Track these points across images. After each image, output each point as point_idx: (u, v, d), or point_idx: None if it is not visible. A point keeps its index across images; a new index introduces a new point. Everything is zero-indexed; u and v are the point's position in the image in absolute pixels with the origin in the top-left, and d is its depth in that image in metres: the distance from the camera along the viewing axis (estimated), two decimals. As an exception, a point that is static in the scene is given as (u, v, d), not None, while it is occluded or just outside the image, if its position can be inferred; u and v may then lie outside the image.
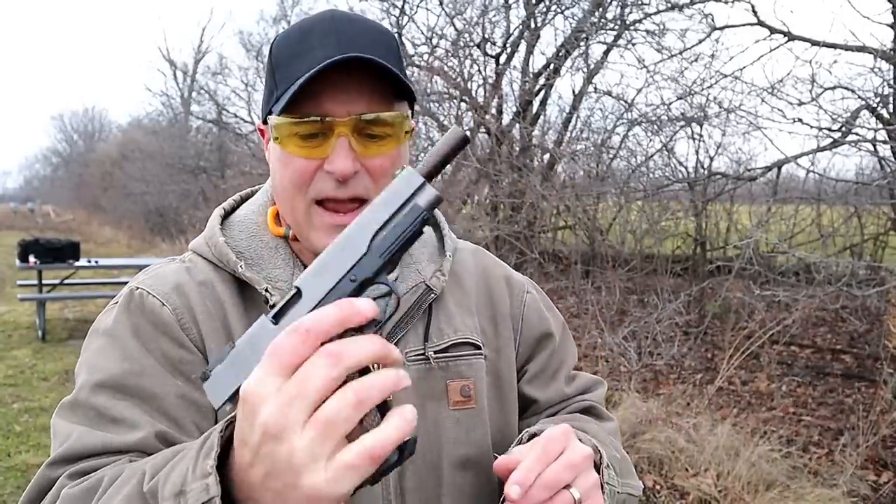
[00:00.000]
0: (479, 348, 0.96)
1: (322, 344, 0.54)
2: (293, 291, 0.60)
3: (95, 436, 0.78)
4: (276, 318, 0.60)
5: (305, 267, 0.91)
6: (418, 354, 0.92)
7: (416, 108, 7.39)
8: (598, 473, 0.82)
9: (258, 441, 0.55)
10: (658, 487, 3.89)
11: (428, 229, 1.03)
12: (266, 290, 0.86)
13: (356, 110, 0.81)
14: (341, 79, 0.80)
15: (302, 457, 0.53)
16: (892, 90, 5.53)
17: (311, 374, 0.53)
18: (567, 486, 0.75)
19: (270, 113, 0.84)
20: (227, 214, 0.98)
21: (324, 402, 0.53)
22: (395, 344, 0.90)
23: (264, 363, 0.55)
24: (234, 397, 0.59)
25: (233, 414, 0.64)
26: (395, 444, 0.54)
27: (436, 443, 0.90)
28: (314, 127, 0.81)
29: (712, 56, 6.20)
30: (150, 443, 0.78)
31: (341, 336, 0.55)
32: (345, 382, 0.54)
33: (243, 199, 1.02)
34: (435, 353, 0.92)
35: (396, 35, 8.40)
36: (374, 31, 0.86)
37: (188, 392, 0.83)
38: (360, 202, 0.84)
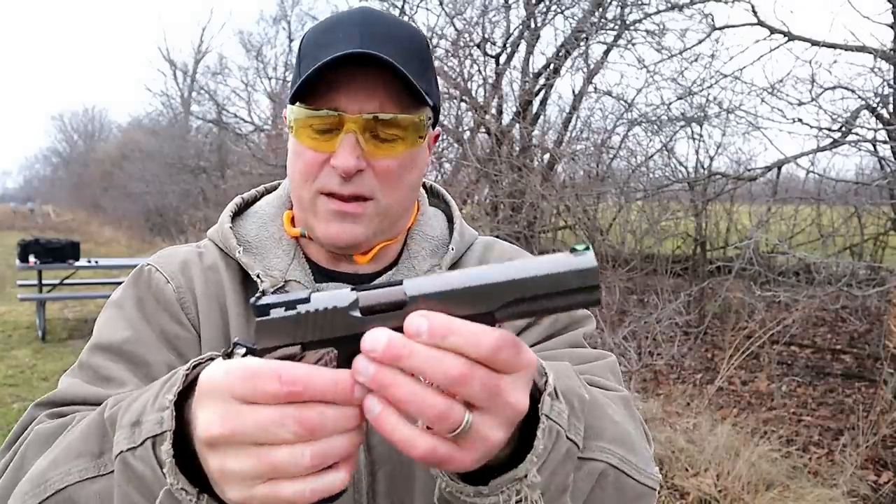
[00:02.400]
0: None
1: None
2: (396, 279, 0.57)
3: (84, 388, 0.83)
4: (355, 290, 0.55)
5: (307, 260, 0.93)
6: None
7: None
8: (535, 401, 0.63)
9: (205, 438, 0.54)
10: (658, 487, 3.89)
11: (437, 219, 1.01)
12: (258, 276, 0.88)
13: (369, 108, 0.81)
14: (359, 76, 0.80)
15: (224, 475, 0.53)
16: (892, 90, 5.53)
17: (272, 429, 0.51)
18: (468, 404, 0.52)
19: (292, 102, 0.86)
20: (249, 204, 1.01)
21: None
22: None
23: (254, 375, 0.52)
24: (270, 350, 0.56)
25: (202, 357, 0.65)
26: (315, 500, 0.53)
27: (407, 480, 0.86)
28: (326, 121, 0.82)
29: (712, 56, 6.21)
30: None
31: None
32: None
33: (268, 191, 1.04)
34: None
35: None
36: (403, 32, 0.85)
37: (177, 365, 0.85)
38: (364, 199, 0.84)
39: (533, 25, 7.84)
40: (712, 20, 6.07)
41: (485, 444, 0.52)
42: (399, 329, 0.51)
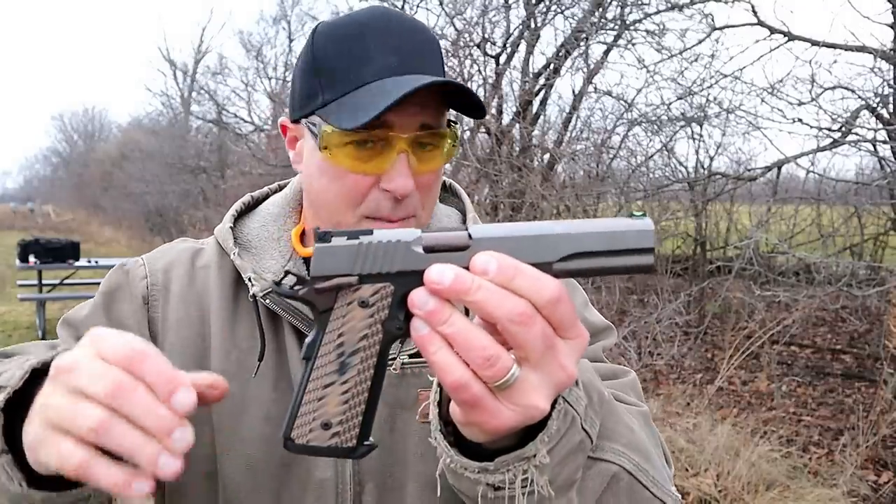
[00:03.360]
0: None
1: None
2: (465, 233, 0.54)
3: (33, 347, 0.88)
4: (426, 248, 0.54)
5: (304, 262, 0.90)
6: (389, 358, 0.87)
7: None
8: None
9: (55, 366, 0.53)
10: None
11: (451, 216, 1.00)
12: (249, 279, 0.86)
13: (417, 123, 0.78)
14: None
15: (43, 406, 0.52)
16: (892, 90, 5.53)
17: (95, 379, 0.50)
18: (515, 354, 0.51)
19: (311, 114, 0.81)
20: (258, 202, 1.00)
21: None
22: None
23: (88, 344, 0.52)
24: (325, 279, 0.54)
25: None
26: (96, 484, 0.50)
27: (401, 458, 0.83)
28: (372, 137, 0.77)
29: (712, 56, 6.20)
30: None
31: None
32: None
33: (280, 188, 1.02)
34: (409, 356, 0.84)
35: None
36: (425, 34, 0.83)
37: None
38: (409, 218, 0.82)
39: (533, 25, 7.84)
40: (712, 20, 6.08)
41: (525, 405, 0.50)
42: None
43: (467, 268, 0.50)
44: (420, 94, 0.74)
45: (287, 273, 0.54)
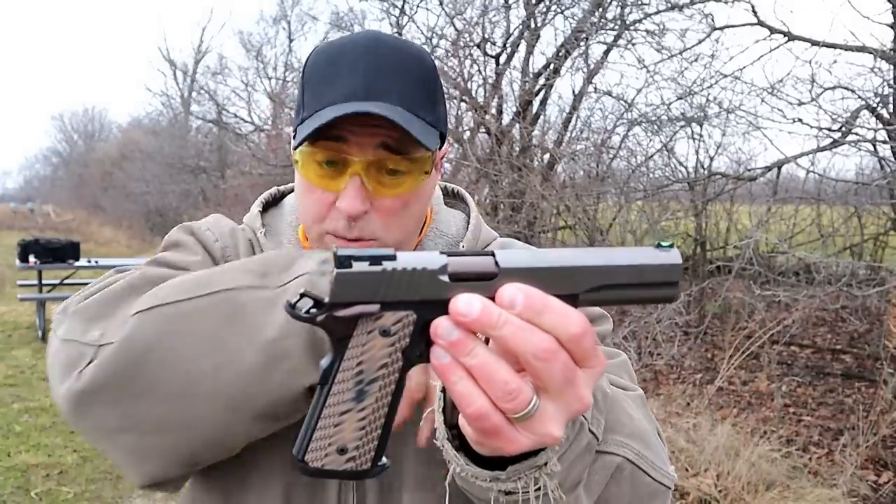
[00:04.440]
0: None
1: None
2: (489, 251, 0.54)
3: (173, 257, 0.89)
4: (447, 253, 0.53)
5: None
6: None
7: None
8: None
9: None
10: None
11: (456, 219, 1.01)
12: None
13: (376, 143, 0.79)
14: (363, 116, 0.79)
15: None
16: (892, 90, 5.53)
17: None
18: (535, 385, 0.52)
19: (295, 131, 0.86)
20: (284, 195, 1.04)
21: None
22: None
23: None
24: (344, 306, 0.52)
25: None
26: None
27: (398, 458, 0.84)
28: (332, 156, 0.81)
29: (712, 56, 6.20)
30: (217, 260, 0.89)
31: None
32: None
33: None
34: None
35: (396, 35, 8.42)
36: (410, 61, 0.83)
37: None
38: (367, 240, 0.84)
39: (533, 25, 7.84)
40: (712, 20, 6.08)
41: (541, 433, 0.51)
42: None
43: (492, 297, 0.50)
44: (375, 119, 0.76)
45: (303, 295, 0.53)
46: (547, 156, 8.10)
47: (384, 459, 0.55)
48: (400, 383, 0.53)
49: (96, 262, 8.44)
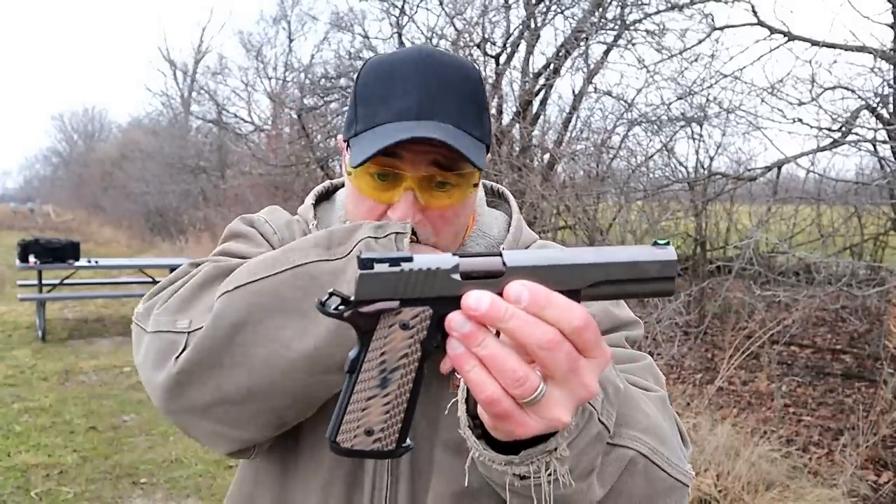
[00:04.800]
0: None
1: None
2: (496, 251, 0.58)
3: (238, 248, 0.95)
4: (458, 254, 0.58)
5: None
6: None
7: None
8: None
9: None
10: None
11: (497, 220, 1.06)
12: None
13: (429, 160, 0.84)
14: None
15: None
16: (892, 90, 5.53)
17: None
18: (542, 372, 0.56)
19: (347, 142, 0.90)
20: (337, 188, 1.09)
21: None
22: None
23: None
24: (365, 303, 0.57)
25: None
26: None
27: (433, 422, 0.89)
28: (386, 170, 0.85)
29: (712, 56, 6.19)
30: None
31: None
32: None
33: None
34: None
35: (396, 35, 8.43)
36: (459, 75, 0.87)
37: None
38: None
39: (533, 25, 7.84)
40: (712, 20, 6.07)
41: (549, 417, 0.55)
42: None
43: (501, 293, 0.55)
44: (429, 140, 0.81)
45: (332, 294, 0.58)
46: (547, 156, 8.10)
47: (408, 441, 0.61)
48: (420, 371, 0.59)
49: (96, 262, 8.43)
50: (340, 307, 0.57)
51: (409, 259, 0.57)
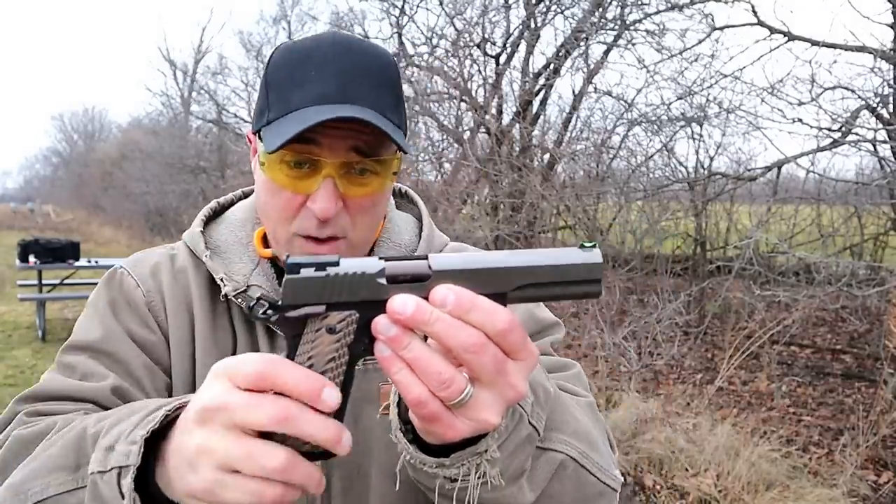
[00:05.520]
0: None
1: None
2: (422, 255, 0.58)
3: (62, 381, 0.86)
4: (385, 258, 0.58)
5: (274, 266, 0.95)
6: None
7: (416, 107, 7.39)
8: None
9: (185, 419, 0.58)
10: (658, 487, 3.89)
11: (407, 225, 1.03)
12: (221, 280, 0.90)
13: (348, 146, 0.81)
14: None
15: (204, 450, 0.55)
16: (892, 90, 5.53)
17: (251, 415, 0.53)
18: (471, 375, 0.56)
19: (259, 132, 0.85)
20: (225, 208, 1.04)
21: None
22: None
23: (219, 378, 0.56)
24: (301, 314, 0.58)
25: (185, 398, 0.65)
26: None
27: (365, 448, 0.88)
28: (305, 158, 0.81)
29: (712, 56, 6.20)
30: (105, 395, 0.84)
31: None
32: None
33: (245, 195, 1.06)
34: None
35: (396, 35, 8.43)
36: (376, 62, 0.84)
37: (150, 364, 0.90)
38: (337, 239, 0.85)
39: (533, 25, 7.84)
40: (712, 20, 6.08)
41: (478, 419, 0.56)
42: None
43: (427, 297, 0.55)
44: (361, 121, 0.78)
45: (259, 299, 0.58)
46: (547, 156, 8.10)
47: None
48: (348, 374, 0.58)
49: (96, 262, 8.43)
50: (268, 311, 0.58)
51: (336, 263, 0.57)
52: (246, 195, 1.05)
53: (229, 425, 0.54)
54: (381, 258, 0.58)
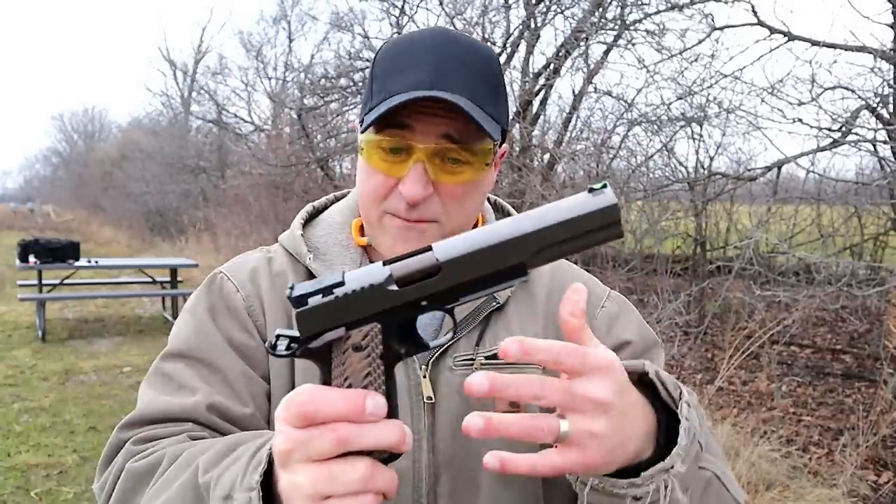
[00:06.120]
0: None
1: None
2: (425, 247, 0.57)
3: (161, 400, 0.87)
4: (387, 263, 0.57)
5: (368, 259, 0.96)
6: (467, 359, 0.90)
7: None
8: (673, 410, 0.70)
9: (275, 456, 0.60)
10: None
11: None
12: None
13: (440, 132, 0.82)
14: (431, 102, 0.81)
15: (292, 487, 0.57)
16: (892, 90, 5.52)
17: (314, 449, 0.55)
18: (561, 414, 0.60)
19: (362, 121, 0.87)
20: (319, 212, 1.04)
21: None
22: (445, 350, 0.90)
23: (279, 422, 0.58)
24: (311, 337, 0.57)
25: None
26: None
27: (476, 452, 0.86)
28: (397, 143, 0.83)
29: (712, 56, 6.19)
30: (202, 413, 0.85)
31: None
32: None
33: (337, 199, 1.07)
34: (485, 358, 0.90)
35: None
36: (476, 57, 0.85)
37: (248, 371, 0.90)
38: (428, 222, 0.86)
39: (533, 25, 7.84)
40: (712, 20, 6.07)
41: (597, 440, 0.60)
42: (442, 296, 0.57)
43: (447, 289, 0.56)
44: (440, 108, 0.80)
45: (279, 336, 0.58)
46: (547, 156, 8.10)
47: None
48: (389, 382, 0.58)
49: (96, 262, 8.44)
50: (292, 346, 0.57)
51: (341, 283, 0.55)
52: (338, 198, 1.06)
53: (305, 461, 0.56)
54: (384, 263, 0.57)
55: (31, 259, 7.78)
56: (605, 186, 0.55)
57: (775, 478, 3.80)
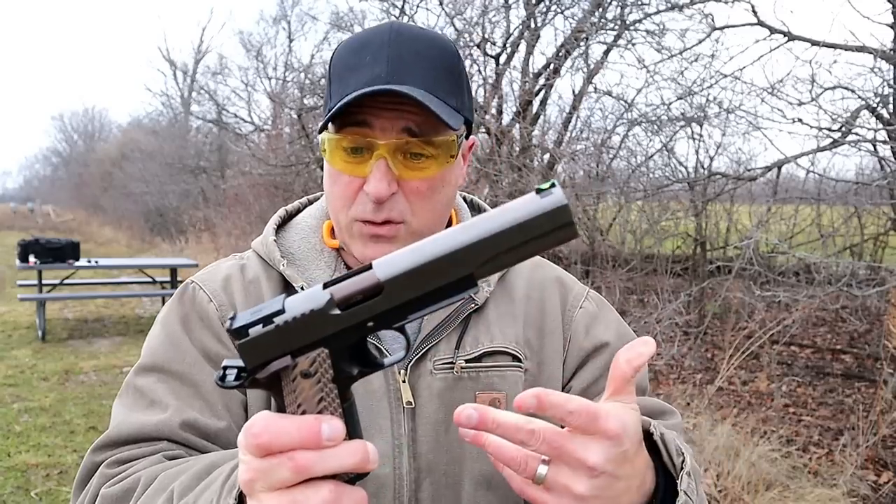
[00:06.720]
0: (518, 360, 0.91)
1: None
2: (366, 265, 0.54)
3: (132, 420, 0.85)
4: (327, 286, 0.54)
5: (347, 269, 0.94)
6: (447, 363, 0.89)
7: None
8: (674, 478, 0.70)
9: (240, 486, 0.57)
10: None
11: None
12: (301, 288, 0.89)
13: (400, 127, 0.81)
14: (388, 97, 0.80)
15: None
16: (892, 90, 5.52)
17: (275, 478, 0.53)
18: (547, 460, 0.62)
19: (325, 125, 0.86)
20: (291, 216, 1.02)
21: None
22: (425, 354, 0.89)
23: (241, 451, 0.56)
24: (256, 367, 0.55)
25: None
26: None
27: (457, 458, 0.87)
28: (357, 141, 0.82)
29: (712, 56, 6.19)
30: (175, 431, 0.84)
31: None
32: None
33: (310, 202, 1.05)
34: (465, 361, 0.89)
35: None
36: (433, 49, 0.84)
37: None
38: (396, 223, 0.85)
39: (533, 25, 7.84)
40: (712, 20, 6.06)
41: (570, 494, 0.61)
42: (389, 316, 0.53)
43: (392, 308, 0.53)
44: (399, 102, 0.79)
45: (226, 367, 0.56)
46: (547, 156, 8.10)
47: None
48: (346, 404, 0.56)
49: (96, 262, 8.43)
50: (241, 376, 0.55)
51: (282, 311, 0.53)
52: (312, 202, 1.04)
53: (267, 490, 0.54)
54: (325, 285, 0.54)
55: (31, 259, 7.78)
56: (553, 186, 0.52)
57: (775, 478, 3.80)
